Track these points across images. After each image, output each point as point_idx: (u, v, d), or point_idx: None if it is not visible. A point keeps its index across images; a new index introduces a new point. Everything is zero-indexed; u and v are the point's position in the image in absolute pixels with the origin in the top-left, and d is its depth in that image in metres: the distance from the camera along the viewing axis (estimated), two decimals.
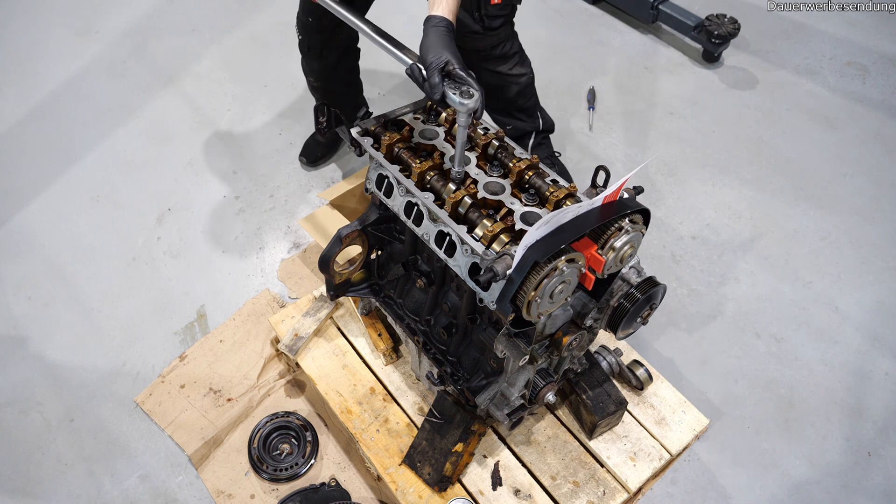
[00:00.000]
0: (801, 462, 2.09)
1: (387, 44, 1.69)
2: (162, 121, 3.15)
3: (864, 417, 2.18)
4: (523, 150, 1.72)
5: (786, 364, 2.30)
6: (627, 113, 3.13)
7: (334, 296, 1.99)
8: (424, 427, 1.91)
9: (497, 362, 1.72)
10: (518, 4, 2.22)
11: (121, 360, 2.35)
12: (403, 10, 3.41)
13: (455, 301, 1.81)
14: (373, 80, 3.17)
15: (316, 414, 2.20)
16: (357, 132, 1.75)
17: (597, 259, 1.52)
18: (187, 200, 2.82)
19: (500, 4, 2.14)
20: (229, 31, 3.57)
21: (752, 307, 2.44)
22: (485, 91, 1.53)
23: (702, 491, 2.04)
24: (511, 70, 2.36)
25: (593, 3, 3.68)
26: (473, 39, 2.22)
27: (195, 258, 2.63)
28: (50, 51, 3.49)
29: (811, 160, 2.93)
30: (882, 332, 2.38)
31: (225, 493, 2.04)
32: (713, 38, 3.22)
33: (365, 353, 2.16)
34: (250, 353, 2.32)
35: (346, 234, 1.81)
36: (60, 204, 2.83)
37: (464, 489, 1.90)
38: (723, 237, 2.65)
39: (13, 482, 2.09)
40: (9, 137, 3.10)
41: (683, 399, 2.06)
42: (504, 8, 2.17)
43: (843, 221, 2.70)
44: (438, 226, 1.60)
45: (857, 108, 3.15)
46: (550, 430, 2.00)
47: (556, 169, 2.69)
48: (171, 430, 2.16)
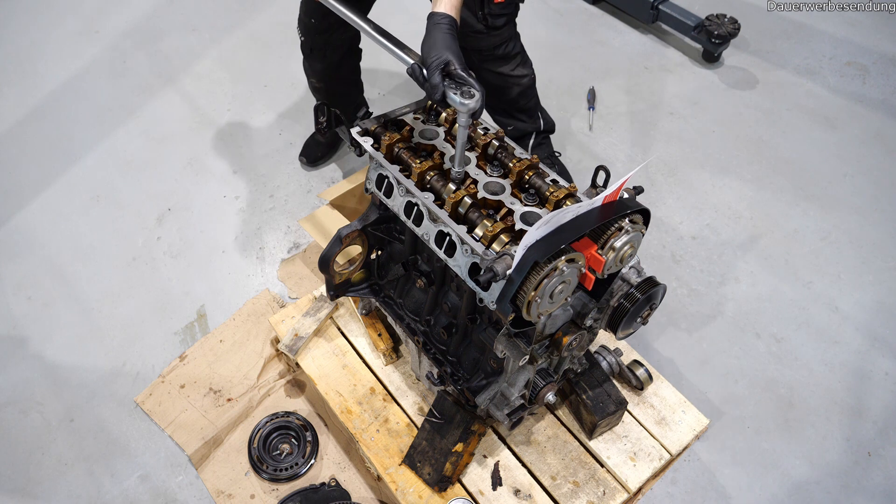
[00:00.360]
0: (801, 462, 2.09)
1: (388, 43, 1.69)
2: (162, 121, 3.15)
3: (864, 417, 2.18)
4: (523, 150, 1.72)
5: (786, 364, 2.30)
6: (627, 113, 3.13)
7: (334, 296, 1.99)
8: (424, 427, 1.91)
9: (497, 362, 1.72)
10: (521, 3, 2.21)
11: (121, 360, 2.35)
12: (404, 9, 3.41)
13: (455, 301, 1.81)
14: (373, 80, 3.17)
15: (316, 414, 2.20)
16: (357, 132, 1.75)
17: (597, 259, 1.52)
18: (187, 200, 2.82)
19: (503, 3, 2.13)
20: (229, 31, 3.57)
21: (752, 307, 2.44)
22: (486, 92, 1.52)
23: (702, 491, 2.04)
24: (513, 71, 2.36)
25: (593, 3, 3.68)
26: (476, 39, 2.22)
27: (195, 258, 2.63)
28: (50, 51, 3.49)
29: (811, 160, 2.93)
30: (882, 332, 2.38)
31: (225, 493, 2.05)
32: (713, 38, 3.22)
33: (365, 353, 2.16)
34: (250, 353, 2.32)
35: (346, 234, 1.81)
36: (60, 204, 2.83)
37: (464, 489, 1.90)
38: (723, 237, 2.65)
39: (13, 482, 2.09)
40: (9, 137, 3.10)
41: (683, 399, 2.06)
42: (507, 7, 2.17)
43: (843, 221, 2.70)
44: (438, 226, 1.60)
45: (857, 108, 3.15)
46: (550, 430, 2.00)
47: (556, 169, 2.69)
48: (171, 430, 2.16)
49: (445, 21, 1.59)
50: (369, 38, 1.76)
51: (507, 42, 2.28)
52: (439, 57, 1.52)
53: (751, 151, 2.97)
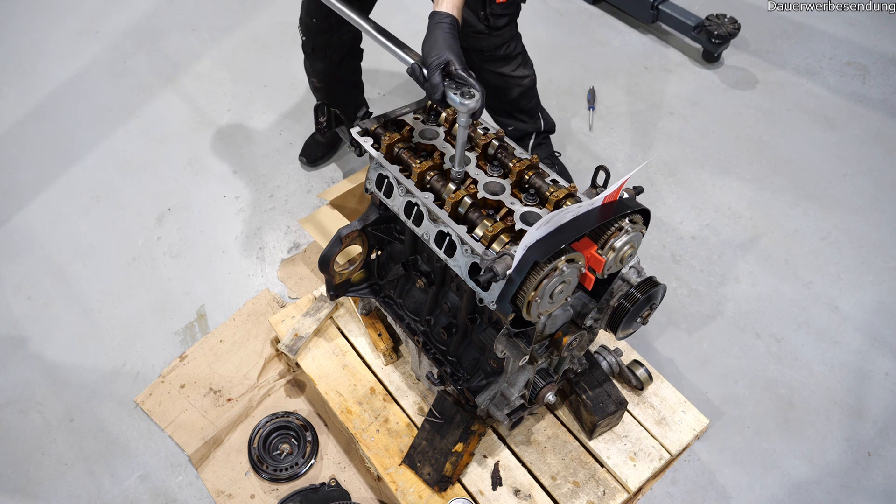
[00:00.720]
0: (801, 462, 2.09)
1: (388, 42, 1.69)
2: (162, 121, 3.15)
3: (864, 417, 2.18)
4: (523, 150, 1.72)
5: (786, 364, 2.30)
6: (627, 113, 3.13)
7: (334, 296, 1.99)
8: (424, 427, 1.91)
9: (497, 362, 1.71)
10: (523, 3, 2.21)
11: (121, 360, 2.35)
12: (405, 8, 3.41)
13: (455, 301, 1.81)
14: (373, 80, 3.17)
15: (316, 414, 2.20)
16: (357, 132, 1.75)
17: (597, 259, 1.52)
18: (187, 200, 2.82)
19: (504, 3, 2.13)
20: (229, 31, 3.57)
21: (752, 307, 2.44)
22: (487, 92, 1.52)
23: (702, 491, 2.04)
24: (514, 72, 2.36)
25: (593, 3, 3.68)
26: (478, 39, 2.22)
27: (195, 258, 2.63)
28: (50, 51, 3.49)
29: (811, 160, 2.93)
30: (882, 332, 2.38)
31: (225, 493, 2.05)
32: (713, 38, 3.22)
33: (365, 353, 2.16)
34: (250, 353, 2.32)
35: (346, 234, 1.81)
36: (60, 204, 2.83)
37: (464, 489, 1.90)
38: (723, 237, 2.65)
39: (13, 482, 2.09)
40: (9, 137, 3.10)
41: (683, 399, 2.06)
42: (509, 7, 2.17)
43: (843, 221, 2.70)
44: (438, 226, 1.60)
45: (857, 108, 3.15)
46: (550, 430, 2.00)
47: (556, 169, 2.69)
48: (171, 430, 2.16)
49: (447, 20, 1.59)
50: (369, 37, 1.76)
51: (508, 42, 2.28)
52: (439, 57, 1.52)
53: (751, 151, 2.97)
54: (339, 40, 2.40)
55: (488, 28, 2.18)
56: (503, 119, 2.57)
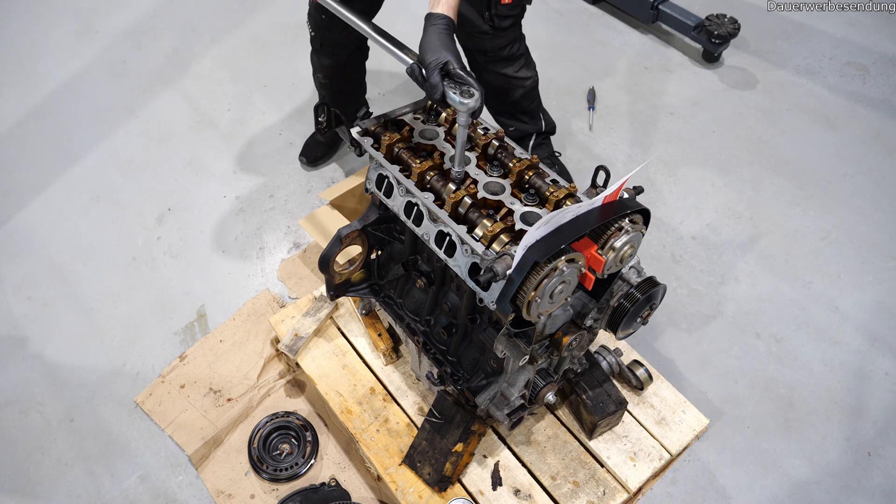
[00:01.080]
0: (801, 462, 2.09)
1: (387, 43, 1.69)
2: (162, 121, 3.15)
3: (864, 417, 2.18)
4: (523, 150, 1.72)
5: (786, 364, 2.30)
6: (627, 113, 3.13)
7: (334, 296, 1.99)
8: (424, 427, 1.91)
9: (497, 362, 1.71)
10: (528, 4, 2.21)
11: (121, 360, 2.35)
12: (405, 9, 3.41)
13: (455, 301, 1.80)
14: (373, 80, 3.17)
15: (316, 414, 2.20)
16: (357, 132, 1.75)
17: (597, 259, 1.52)
18: (187, 200, 2.82)
19: (510, 4, 2.13)
20: (229, 31, 3.57)
21: (752, 307, 2.44)
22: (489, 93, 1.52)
23: (702, 491, 2.04)
24: (517, 73, 2.36)
25: (593, 3, 3.69)
26: (482, 40, 2.22)
27: (195, 258, 2.63)
28: (50, 51, 3.49)
29: (811, 160, 2.93)
30: (882, 332, 2.38)
31: (225, 493, 2.04)
32: (713, 38, 3.22)
33: (365, 353, 2.16)
34: (250, 353, 2.32)
35: (346, 234, 1.81)
36: (60, 204, 2.83)
37: (464, 489, 1.90)
38: (723, 237, 2.65)
39: (13, 482, 2.09)
40: (9, 137, 3.10)
41: (683, 399, 2.06)
42: (514, 8, 2.17)
43: (843, 221, 2.70)
44: (438, 226, 1.60)
45: (857, 108, 3.15)
46: (550, 430, 2.00)
47: (556, 169, 2.69)
48: (171, 430, 2.16)
49: (442, 21, 1.60)
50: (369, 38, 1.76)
51: (512, 44, 2.28)
52: (437, 57, 1.52)
53: (751, 151, 2.97)
54: (347, 37, 2.39)
55: (493, 29, 2.18)
56: (504, 119, 2.57)
